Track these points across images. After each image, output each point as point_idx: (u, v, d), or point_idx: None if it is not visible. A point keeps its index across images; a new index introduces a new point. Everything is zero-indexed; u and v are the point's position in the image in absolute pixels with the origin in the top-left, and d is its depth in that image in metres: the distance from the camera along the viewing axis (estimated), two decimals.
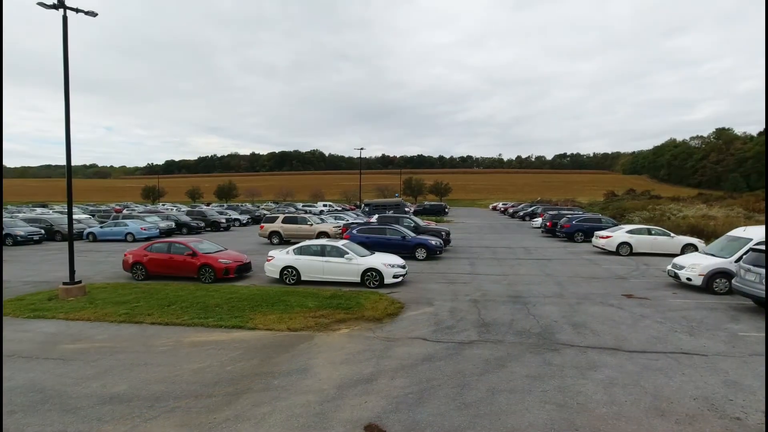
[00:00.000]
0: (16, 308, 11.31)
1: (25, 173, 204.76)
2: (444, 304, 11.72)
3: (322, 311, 10.73)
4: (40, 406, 6.17)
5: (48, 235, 28.27)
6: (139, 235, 27.80)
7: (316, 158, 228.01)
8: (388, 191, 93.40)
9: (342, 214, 37.04)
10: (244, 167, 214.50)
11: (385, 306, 11.22)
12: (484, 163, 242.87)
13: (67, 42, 12.15)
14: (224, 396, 6.42)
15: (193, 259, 14.81)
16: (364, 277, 13.91)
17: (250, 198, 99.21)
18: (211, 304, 11.46)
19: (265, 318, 10.20)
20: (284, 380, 6.93)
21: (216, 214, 39.07)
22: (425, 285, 14.27)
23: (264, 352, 8.19)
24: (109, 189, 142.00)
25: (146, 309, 11.08)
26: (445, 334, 9.19)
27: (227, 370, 7.39)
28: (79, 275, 13.30)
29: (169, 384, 6.85)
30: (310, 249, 14.64)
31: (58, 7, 11.78)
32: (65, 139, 12.52)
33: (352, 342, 8.75)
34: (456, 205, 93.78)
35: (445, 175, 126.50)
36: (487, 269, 17.30)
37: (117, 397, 6.44)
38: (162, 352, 8.30)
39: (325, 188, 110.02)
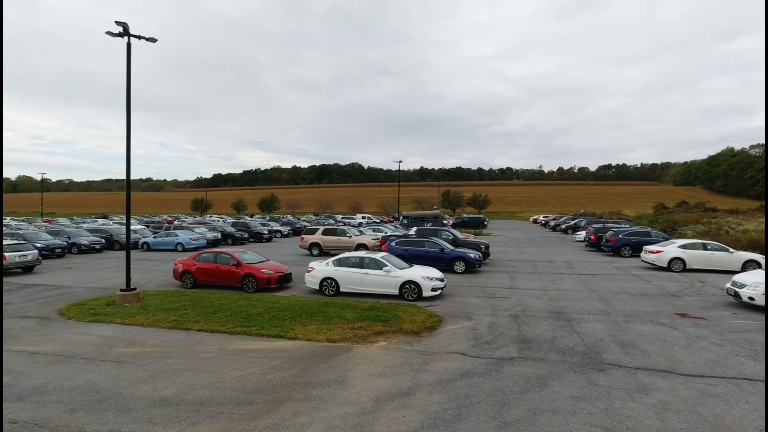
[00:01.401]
0: (79, 312, 12.17)
1: (89, 187, 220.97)
2: (483, 319, 11.51)
3: (360, 323, 10.81)
4: (97, 406, 6.57)
5: (108, 244, 30.26)
6: (189, 245, 29.19)
7: (355, 171, 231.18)
8: (426, 203, 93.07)
9: (380, 227, 37.24)
10: (286, 180, 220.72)
11: (423, 319, 11.15)
12: (524, 174, 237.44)
13: (130, 66, 13.17)
14: (265, 404, 6.59)
15: (237, 269, 15.38)
16: (403, 290, 13.90)
17: (291, 210, 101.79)
18: (254, 313, 11.83)
19: (305, 328, 10.40)
20: (323, 391, 7.02)
21: (259, 225, 40.42)
22: (464, 299, 14.07)
23: (303, 362, 8.35)
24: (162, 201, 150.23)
25: (193, 316, 11.59)
26: (484, 350, 9.01)
27: (268, 378, 7.59)
28: (134, 282, 14.11)
29: (214, 390, 7.11)
30: (349, 261, 14.83)
31: (123, 35, 12.83)
32: (126, 156, 13.49)
33: (389, 355, 8.76)
34: (495, 217, 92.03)
35: (484, 188, 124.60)
36: (528, 284, 16.83)
37: (166, 400, 6.76)
38: (207, 359, 8.64)
39: (363, 200, 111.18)
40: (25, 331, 10.63)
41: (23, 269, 20.12)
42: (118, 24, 12.67)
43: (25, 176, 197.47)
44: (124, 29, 12.76)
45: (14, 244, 20.27)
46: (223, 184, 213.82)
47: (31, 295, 14.96)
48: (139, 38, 13.24)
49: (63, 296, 14.73)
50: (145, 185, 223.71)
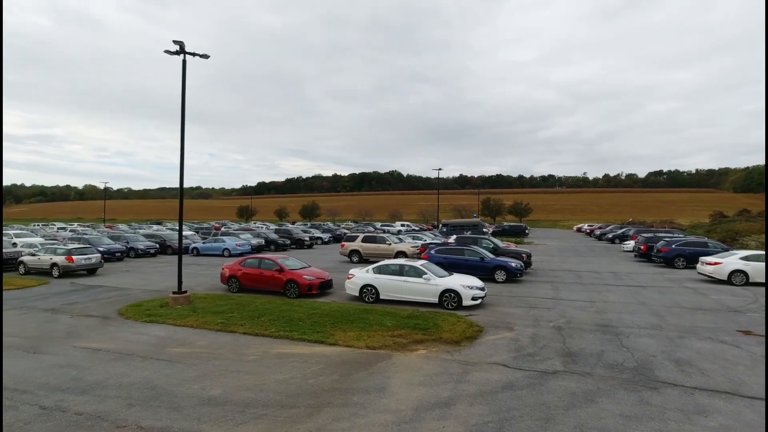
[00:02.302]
0: (135, 313, 12.96)
1: (145, 195, 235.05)
2: (525, 330, 11.20)
3: (399, 331, 10.83)
4: (152, 402, 6.97)
5: (161, 248, 32.03)
6: (234, 250, 30.36)
7: (394, 179, 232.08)
8: (465, 211, 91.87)
9: (419, 234, 37.15)
10: (326, 188, 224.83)
11: (463, 328, 11.01)
12: (567, 182, 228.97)
13: (185, 81, 14.03)
14: (306, 408, 6.73)
15: (280, 274, 15.84)
16: (442, 298, 13.79)
17: (332, 217, 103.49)
18: (296, 318, 12.13)
19: (345, 335, 10.54)
20: (363, 397, 7.09)
21: (300, 232, 41.41)
22: (504, 309, 13.76)
23: (344, 368, 8.46)
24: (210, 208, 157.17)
25: (239, 319, 12.03)
26: (526, 362, 8.77)
27: (309, 383, 7.75)
28: (184, 286, 14.83)
29: (258, 392, 7.35)
30: (388, 268, 14.90)
31: (180, 53, 13.70)
32: (179, 168, 14.34)
33: (429, 363, 8.71)
34: (536, 226, 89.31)
35: (525, 195, 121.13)
36: (572, 294, 16.21)
37: (213, 400, 7.06)
38: (251, 361, 8.94)
39: (402, 208, 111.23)
40: (89, 329, 11.44)
41: (88, 271, 21.69)
42: (175, 43, 13.54)
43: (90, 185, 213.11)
44: (180, 47, 13.63)
45: (80, 248, 21.93)
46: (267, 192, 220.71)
47: (94, 296, 16.08)
48: (194, 55, 14.08)
49: (122, 297, 15.73)
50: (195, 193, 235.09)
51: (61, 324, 12.04)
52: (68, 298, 15.63)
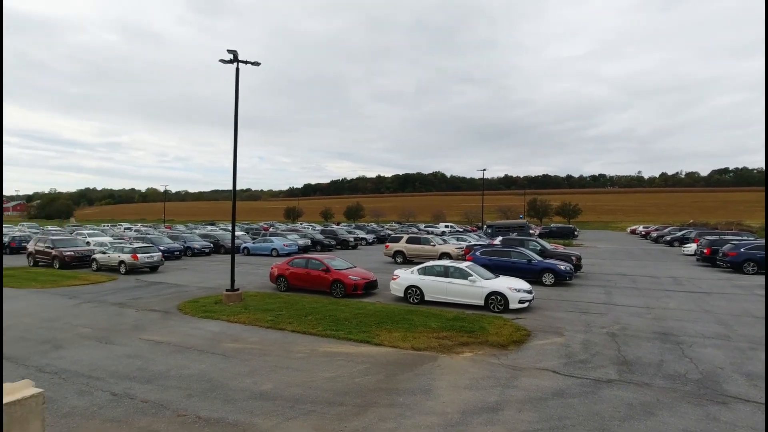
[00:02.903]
0: (192, 309, 13.73)
1: (200, 197, 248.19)
2: (575, 336, 10.78)
3: (445, 333, 10.76)
4: (208, 394, 7.36)
5: (215, 248, 33.68)
6: (282, 250, 31.37)
7: (437, 180, 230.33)
8: (510, 212, 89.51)
9: (464, 236, 36.66)
10: (370, 189, 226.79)
11: (510, 332, 10.77)
12: (620, 181, 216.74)
13: (238, 88, 14.72)
14: (353, 407, 6.85)
15: (326, 274, 16.20)
16: (488, 301, 13.56)
17: (375, 218, 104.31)
18: (341, 317, 12.36)
19: (390, 335, 10.62)
20: (408, 398, 7.12)
21: (345, 233, 42.09)
22: (553, 313, 13.30)
23: (389, 369, 8.53)
24: (259, 209, 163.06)
25: (287, 318, 12.44)
26: (578, 369, 8.44)
27: (356, 381, 7.88)
28: (236, 284, 15.51)
29: (306, 388, 7.57)
30: (433, 269, 14.85)
31: (233, 61, 14.40)
32: (232, 172, 15.07)
33: (475, 367, 8.60)
34: (586, 227, 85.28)
35: (574, 196, 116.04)
36: (626, 300, 15.39)
37: (264, 394, 7.34)
38: (300, 358, 9.22)
39: (446, 209, 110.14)
40: (152, 323, 12.26)
41: (150, 268, 23.22)
42: (229, 52, 14.24)
43: (152, 188, 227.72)
44: (234, 56, 14.33)
45: (144, 247, 23.55)
46: (312, 193, 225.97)
47: (156, 292, 17.20)
48: (246, 63, 14.74)
49: (180, 293, 16.71)
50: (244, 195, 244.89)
51: (128, 317, 12.97)
52: (133, 294, 16.82)
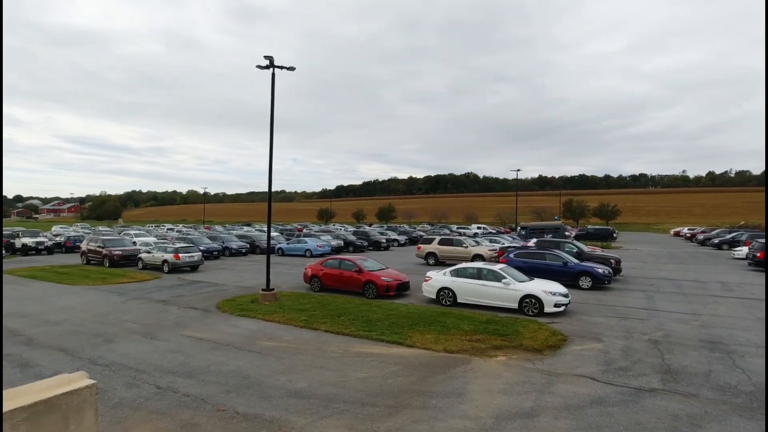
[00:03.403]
0: (231, 307, 14.20)
1: (237, 198, 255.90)
2: (615, 342, 10.40)
3: (478, 335, 10.64)
4: (246, 390, 7.60)
5: (251, 248, 34.64)
6: (316, 251, 31.89)
7: (470, 181, 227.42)
8: (545, 214, 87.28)
9: (497, 237, 36.03)
10: (402, 190, 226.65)
11: (545, 336, 10.53)
12: (662, 181, 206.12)
13: (274, 92, 15.15)
14: (386, 407, 6.90)
15: (359, 275, 16.35)
16: (522, 304, 13.30)
17: (407, 219, 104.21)
18: (374, 318, 12.45)
19: (423, 337, 10.61)
20: (441, 401, 7.10)
21: (377, 234, 42.29)
22: (590, 318, 12.88)
23: (422, 371, 8.53)
24: (293, 210, 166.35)
25: (321, 318, 12.65)
26: (617, 376, 8.15)
27: (388, 383, 7.93)
28: (271, 284, 15.90)
29: (339, 388, 7.68)
30: (466, 271, 14.71)
31: (269, 67, 14.82)
32: (268, 176, 15.52)
33: (509, 371, 8.46)
34: (625, 229, 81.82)
35: (612, 196, 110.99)
36: (670, 305, 14.68)
37: (299, 392, 7.51)
38: (333, 358, 9.36)
39: (478, 210, 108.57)
40: (192, 320, 12.77)
41: (191, 268, 24.18)
42: (265, 58, 14.66)
43: (192, 190, 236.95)
44: (270, 62, 14.74)
45: (185, 247, 24.57)
46: (345, 194, 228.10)
47: (197, 290, 17.90)
48: (281, 68, 15.13)
49: (219, 292, 17.32)
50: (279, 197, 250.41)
51: (171, 314, 13.57)
52: (175, 292, 17.57)
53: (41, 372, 8.34)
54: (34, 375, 8.13)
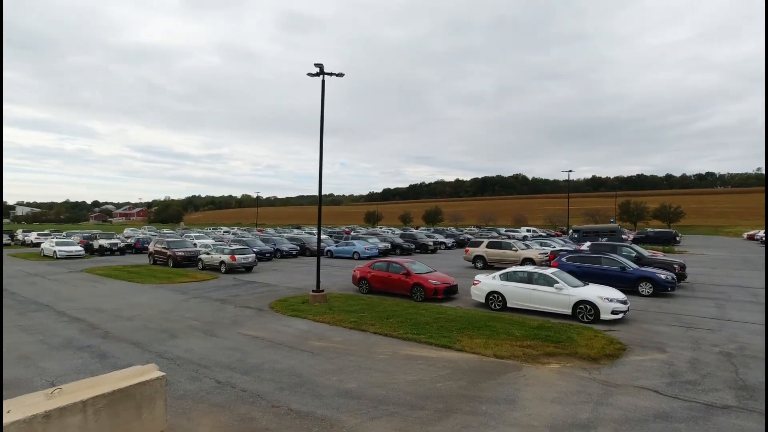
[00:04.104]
0: (282, 307, 14.73)
1: (287, 202, 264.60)
2: (680, 353, 9.73)
3: (529, 341, 10.35)
4: (298, 388, 7.87)
5: (301, 250, 35.74)
6: (363, 254, 32.33)
7: (518, 182, 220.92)
8: (599, 216, 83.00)
9: (547, 240, 34.76)
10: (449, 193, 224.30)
11: (602, 345, 10.04)
12: (733, 180, 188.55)
13: (323, 98, 15.62)
14: (435, 411, 6.88)
15: (407, 278, 16.41)
16: (576, 310, 12.77)
17: (454, 222, 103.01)
18: (422, 321, 12.44)
19: (472, 341, 10.47)
20: (491, 407, 6.98)
21: (424, 237, 42.17)
22: (652, 326, 12.13)
23: (471, 375, 8.43)
24: (340, 214, 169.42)
25: (369, 319, 12.81)
26: (685, 390, 7.62)
27: (437, 386, 7.90)
28: (321, 285, 16.33)
29: (388, 390, 7.76)
30: (516, 275, 14.36)
31: (319, 74, 15.31)
32: (318, 177, 16.04)
33: (563, 379, 8.16)
34: (690, 232, 75.81)
35: (675, 197, 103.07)
36: (744, 315, 13.49)
37: (349, 392, 7.66)
38: (382, 360, 9.46)
39: (527, 213, 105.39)
40: (248, 319, 13.38)
41: (245, 269, 25.33)
42: (316, 65, 15.16)
43: (246, 195, 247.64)
44: (320, 69, 15.22)
45: (240, 249, 25.78)
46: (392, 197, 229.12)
47: (251, 290, 18.72)
48: (330, 75, 15.57)
49: (271, 292, 18.01)
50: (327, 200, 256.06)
51: (228, 313, 14.30)
52: (232, 291, 18.48)
53: (116, 363, 9.09)
54: (110, 365, 8.87)
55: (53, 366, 9.06)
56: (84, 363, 9.26)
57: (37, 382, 8.04)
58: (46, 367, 9.02)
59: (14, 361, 9.37)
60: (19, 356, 9.72)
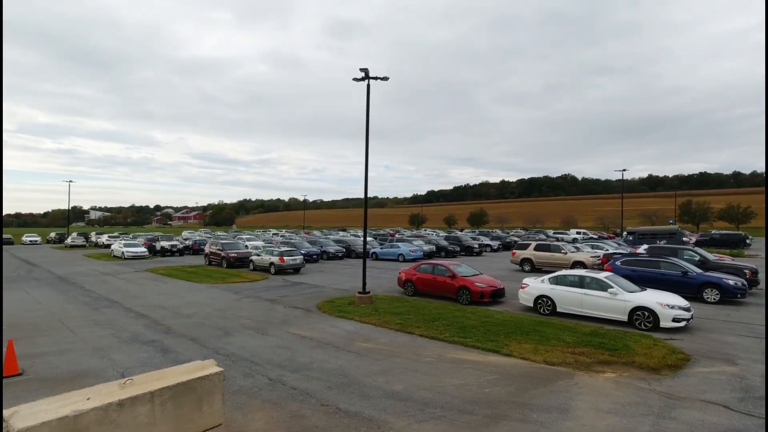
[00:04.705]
0: (330, 308, 15.05)
1: (333, 205, 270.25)
2: (754, 366, 8.98)
3: (581, 348, 9.95)
4: (346, 388, 8.01)
5: (346, 252, 36.34)
6: (408, 256, 32.36)
7: (567, 183, 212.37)
8: (656, 217, 78.19)
9: (599, 243, 33.17)
10: (494, 194, 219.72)
11: (662, 354, 9.47)
12: None
13: (369, 103, 15.85)
14: (483, 417, 6.79)
15: (452, 281, 16.26)
16: (633, 317, 12.13)
17: (500, 224, 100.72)
18: (468, 325, 12.29)
19: (520, 346, 10.22)
20: (543, 416, 6.79)
21: (469, 239, 41.56)
22: (720, 336, 11.28)
23: (520, 381, 8.23)
24: (385, 216, 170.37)
25: (415, 322, 12.82)
26: (759, 407, 7.03)
27: (485, 391, 7.79)
28: (366, 287, 16.51)
29: (435, 393, 7.74)
30: (566, 279, 13.85)
31: (365, 78, 15.57)
32: (364, 180, 16.25)
33: (620, 390, 7.79)
34: (761, 234, 69.45)
35: (744, 197, 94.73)
36: None
37: (396, 394, 7.71)
38: (428, 363, 9.44)
39: (577, 214, 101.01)
40: (296, 319, 13.80)
41: (293, 270, 26.12)
42: (361, 70, 15.43)
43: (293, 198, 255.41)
44: (366, 74, 15.47)
45: (289, 251, 26.64)
46: (436, 200, 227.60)
47: (299, 291, 19.28)
48: (375, 79, 15.77)
49: (318, 293, 18.46)
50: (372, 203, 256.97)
51: (278, 312, 14.81)
52: (281, 292, 19.11)
53: (177, 357, 9.69)
54: (172, 359, 9.47)
55: (123, 358, 9.80)
56: (149, 356, 9.94)
57: (110, 373, 8.73)
58: (117, 359, 9.77)
59: (90, 353, 10.23)
60: (94, 348, 10.60)
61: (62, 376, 8.72)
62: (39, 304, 16.60)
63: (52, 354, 10.14)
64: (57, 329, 12.60)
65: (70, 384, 7.84)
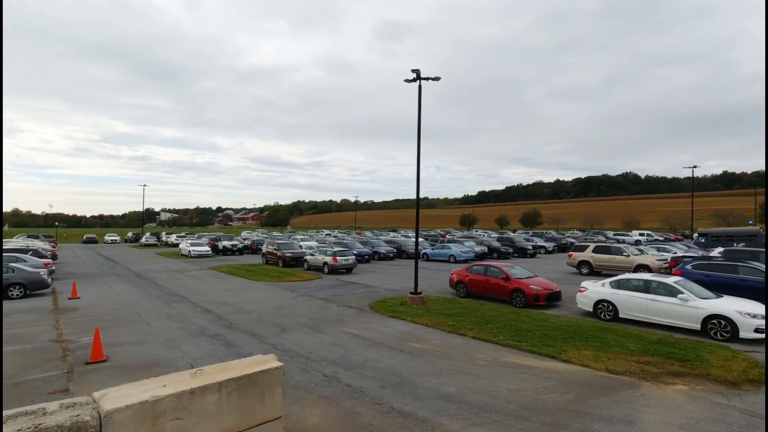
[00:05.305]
0: (382, 308, 15.23)
1: (384, 206, 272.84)
2: None
3: (647, 357, 9.37)
4: (399, 388, 8.09)
5: (397, 253, 36.54)
6: (459, 257, 31.97)
7: (628, 182, 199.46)
8: (732, 218, 71.45)
9: (666, 245, 30.88)
10: (548, 195, 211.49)
11: (743, 367, 8.69)
12: None
13: (420, 103, 15.90)
14: (541, 424, 6.59)
15: (506, 282, 15.89)
16: (707, 325, 11.22)
17: (554, 225, 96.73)
18: (523, 328, 11.96)
19: (580, 353, 9.80)
20: (605, 427, 6.47)
21: (523, 240, 40.28)
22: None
23: (580, 389, 7.90)
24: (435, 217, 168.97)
25: (468, 324, 12.67)
26: None
27: (542, 398, 7.55)
28: (418, 288, 16.53)
29: (489, 397, 7.61)
30: (630, 283, 13.07)
31: (416, 79, 15.62)
32: (416, 180, 16.42)
33: (692, 404, 7.25)
34: None
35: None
36: None
37: (449, 396, 7.67)
38: (481, 366, 9.30)
39: (639, 215, 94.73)
40: (350, 318, 14.09)
41: (346, 270, 26.67)
42: (413, 71, 15.49)
43: (345, 199, 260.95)
44: (417, 75, 15.52)
45: (342, 251, 27.25)
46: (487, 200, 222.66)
47: (352, 291, 19.67)
48: (427, 79, 15.78)
49: (371, 293, 18.72)
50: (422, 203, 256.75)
51: (332, 311, 15.21)
52: (334, 291, 19.59)
53: (239, 351, 10.25)
54: (234, 353, 10.03)
55: (191, 350, 10.52)
56: (214, 349, 10.59)
57: (180, 363, 9.41)
58: (186, 350, 10.51)
59: (163, 344, 11.08)
60: (166, 339, 11.47)
61: (139, 364, 9.51)
62: (119, 297, 18.21)
63: (131, 344, 11.10)
64: (134, 321, 13.75)
65: (146, 371, 8.54)
